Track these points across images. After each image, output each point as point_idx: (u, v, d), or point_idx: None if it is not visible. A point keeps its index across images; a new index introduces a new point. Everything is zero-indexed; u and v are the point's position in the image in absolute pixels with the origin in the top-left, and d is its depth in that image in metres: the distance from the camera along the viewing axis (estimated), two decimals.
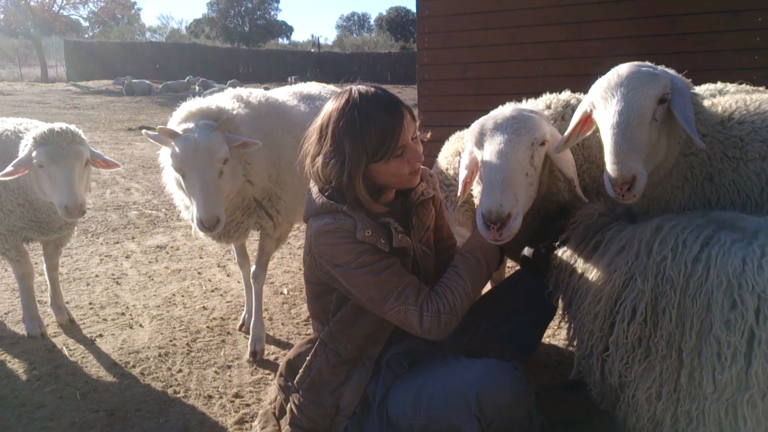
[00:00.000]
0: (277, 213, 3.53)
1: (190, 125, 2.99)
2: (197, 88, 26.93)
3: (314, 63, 40.82)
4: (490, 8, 6.25)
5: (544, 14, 5.96)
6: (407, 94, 25.45)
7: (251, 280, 3.73)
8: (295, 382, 2.30)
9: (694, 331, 1.69)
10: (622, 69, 2.04)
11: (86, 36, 51.25)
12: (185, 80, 29.94)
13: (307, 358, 2.28)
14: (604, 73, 2.12)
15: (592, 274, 2.02)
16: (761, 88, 2.65)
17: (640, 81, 1.95)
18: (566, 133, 2.20)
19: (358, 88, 2.12)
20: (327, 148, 2.06)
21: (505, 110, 2.22)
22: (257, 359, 3.51)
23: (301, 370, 2.29)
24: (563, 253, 2.20)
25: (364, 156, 2.02)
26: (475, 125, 2.23)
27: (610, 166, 1.88)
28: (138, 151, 12.51)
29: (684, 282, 1.72)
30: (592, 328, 1.96)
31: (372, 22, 72.50)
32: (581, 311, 2.03)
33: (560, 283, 2.21)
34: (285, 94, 4.06)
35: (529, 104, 2.79)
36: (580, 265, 2.12)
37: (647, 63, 2.09)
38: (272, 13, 65.04)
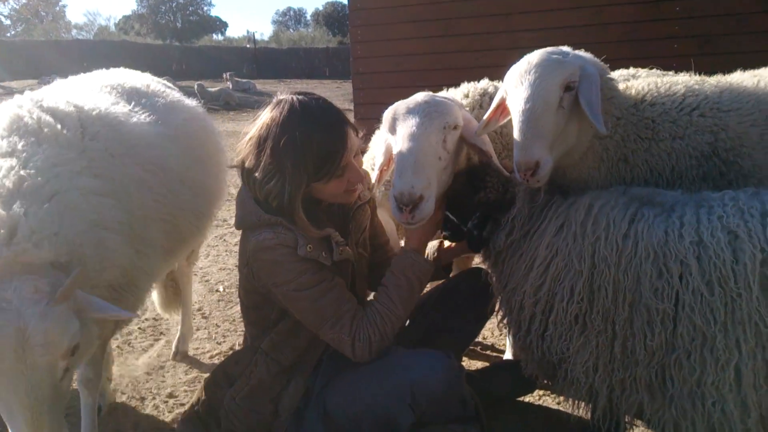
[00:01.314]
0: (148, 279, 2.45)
1: None
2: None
3: (250, 59, 40.12)
4: (420, 0, 6.29)
5: (476, 6, 6.05)
6: (345, 89, 25.30)
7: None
8: (233, 390, 2.22)
9: (626, 303, 1.77)
10: (533, 56, 2.07)
11: (8, 35, 48.53)
12: None
13: (248, 368, 2.21)
14: None
15: (532, 256, 2.03)
16: (670, 73, 2.78)
17: (546, 69, 1.98)
18: (484, 118, 2.25)
19: (299, 99, 2.01)
20: (266, 164, 1.96)
21: (417, 96, 2.23)
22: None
23: (239, 380, 2.21)
24: (502, 233, 2.17)
25: (305, 177, 1.96)
26: (388, 111, 2.23)
27: (515, 152, 1.93)
28: None
29: (617, 258, 1.78)
30: (534, 311, 1.98)
31: (308, 17, 72.01)
32: (519, 294, 2.03)
33: (497, 264, 2.20)
34: (100, 93, 2.62)
35: (448, 93, 2.82)
36: (518, 247, 2.11)
37: (562, 49, 2.13)
38: (205, 8, 63.44)
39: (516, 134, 1.94)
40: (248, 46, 45.23)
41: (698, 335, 1.63)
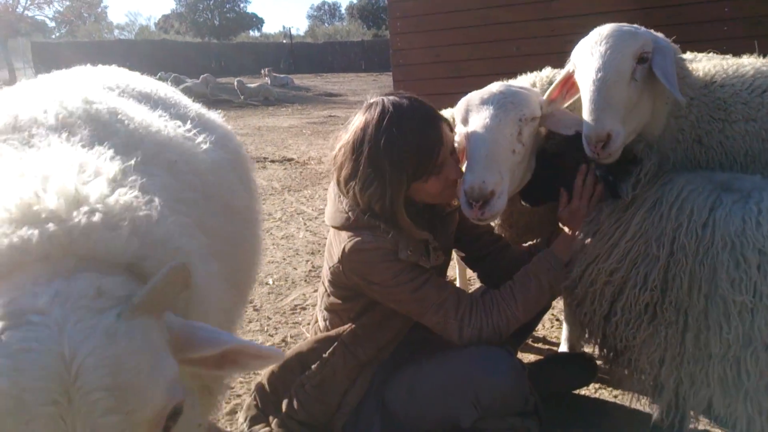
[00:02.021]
0: None
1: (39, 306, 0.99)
2: (169, 83, 26.50)
3: (287, 54, 40.48)
4: None
5: None
6: (382, 81, 25.41)
7: None
8: (304, 376, 2.19)
9: (702, 294, 1.70)
10: (604, 28, 2.03)
11: (53, 36, 50.10)
12: (157, 76, 29.38)
13: (324, 356, 2.17)
14: None
15: (624, 228, 1.92)
16: (729, 56, 2.68)
17: (619, 39, 1.94)
18: (548, 92, 2.19)
19: (390, 100, 1.98)
20: (364, 168, 1.93)
21: (492, 87, 2.16)
22: None
23: (314, 366, 2.17)
24: (629, 185, 1.97)
25: (404, 177, 1.92)
26: (461, 102, 2.16)
27: (585, 124, 1.87)
28: None
29: (695, 248, 1.72)
30: (604, 290, 1.91)
31: (343, 11, 72.14)
32: (596, 268, 1.94)
33: (598, 221, 2.02)
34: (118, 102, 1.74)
35: (518, 81, 2.75)
36: (623, 215, 1.97)
37: (633, 25, 2.07)
38: (242, 5, 64.22)
39: (586, 106, 1.88)
40: (284, 41, 45.69)
41: None
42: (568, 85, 2.16)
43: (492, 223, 2.49)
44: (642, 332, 1.80)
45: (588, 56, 1.96)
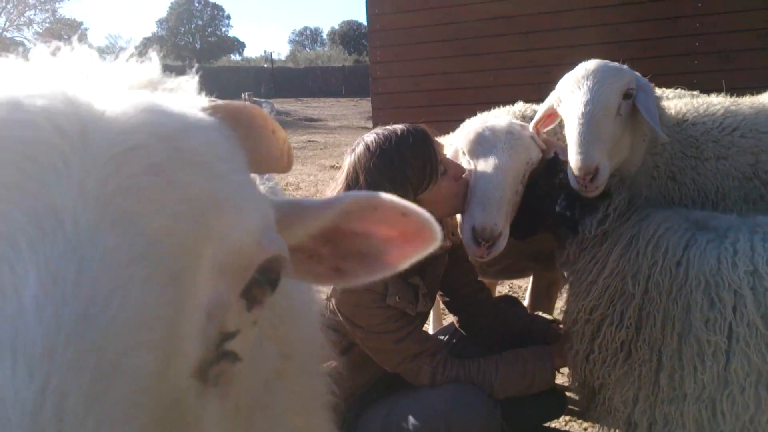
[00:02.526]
0: None
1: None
2: None
3: (268, 78, 40.57)
4: (440, 21, 6.31)
5: (493, 25, 6.05)
6: (362, 107, 25.50)
7: None
8: None
9: (675, 333, 1.70)
10: (590, 64, 2.06)
11: None
12: None
13: None
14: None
15: (602, 265, 1.91)
16: (695, 93, 2.76)
17: (606, 75, 1.98)
18: (532, 125, 2.21)
19: (373, 133, 1.99)
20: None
21: (499, 123, 2.15)
22: None
23: None
24: (595, 219, 2.01)
25: (410, 190, 1.89)
26: (470, 133, 2.14)
27: (573, 157, 1.88)
28: None
29: (669, 286, 1.72)
30: (584, 330, 1.90)
31: (324, 36, 72.69)
32: (577, 306, 1.94)
33: (573, 257, 2.03)
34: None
35: (494, 114, 2.78)
36: (596, 246, 1.98)
37: (614, 63, 2.12)
38: (223, 29, 64.49)
39: (574, 139, 1.90)
40: (266, 65, 45.80)
41: (753, 371, 1.55)
42: (546, 116, 2.19)
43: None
44: (617, 370, 1.80)
45: (575, 90, 1.99)
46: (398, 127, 1.97)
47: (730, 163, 2.15)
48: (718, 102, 2.31)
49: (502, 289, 4.69)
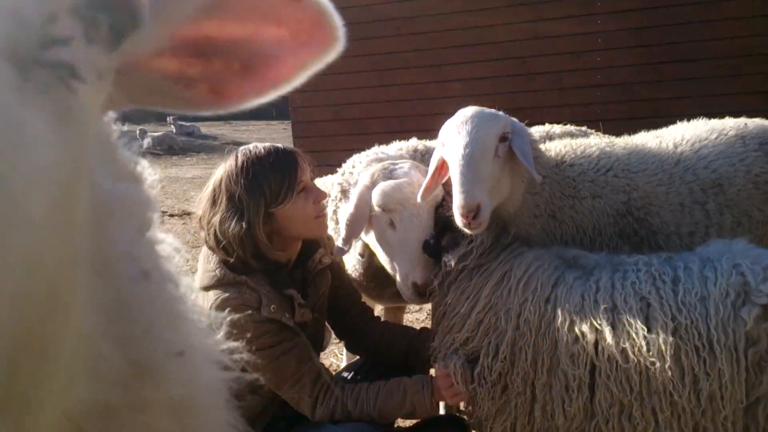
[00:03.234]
0: None
1: None
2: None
3: None
4: (356, 52, 6.44)
5: (408, 58, 6.25)
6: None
7: None
8: None
9: (545, 368, 1.79)
10: (468, 110, 2.18)
11: None
12: None
13: None
14: None
15: (474, 299, 2.01)
16: (584, 128, 2.93)
17: (483, 120, 2.10)
18: (426, 180, 2.27)
19: (244, 147, 2.09)
20: (223, 206, 1.99)
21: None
22: None
23: None
24: (456, 255, 2.14)
25: (262, 201, 1.98)
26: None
27: (456, 196, 1.98)
28: None
29: (538, 322, 1.82)
30: (464, 360, 1.98)
31: None
32: (453, 338, 2.02)
33: (442, 288, 2.14)
34: None
35: (387, 149, 2.86)
36: (466, 280, 2.09)
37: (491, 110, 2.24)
38: None
39: (456, 179, 2.00)
40: None
41: (615, 402, 1.66)
42: (440, 167, 2.25)
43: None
44: (496, 401, 1.87)
45: (456, 134, 2.09)
46: (269, 145, 2.09)
47: (605, 201, 2.30)
48: (594, 144, 2.47)
49: (419, 315, 4.78)
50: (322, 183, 3.37)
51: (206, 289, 2.05)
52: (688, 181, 2.34)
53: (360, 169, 2.63)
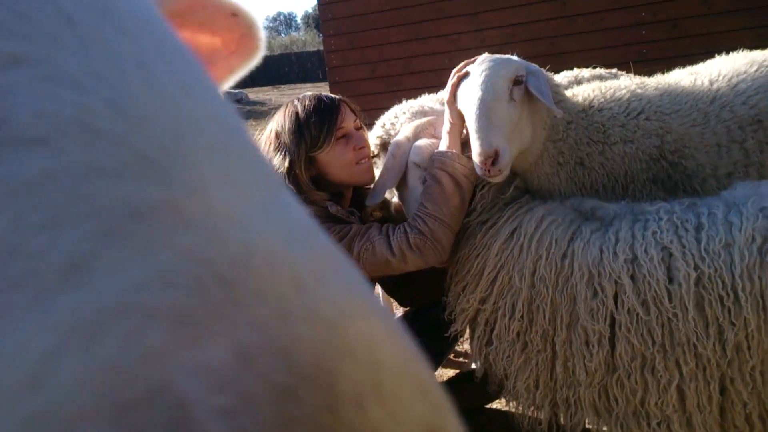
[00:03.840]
0: None
1: None
2: None
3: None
4: (390, 6, 6.30)
5: (442, 8, 6.05)
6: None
7: None
8: None
9: (564, 324, 1.75)
10: (480, 58, 2.13)
11: None
12: None
13: None
14: None
15: (484, 257, 1.97)
16: (614, 70, 2.78)
17: (493, 65, 2.05)
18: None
19: (295, 96, 2.22)
20: (271, 148, 2.12)
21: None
22: None
23: None
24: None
25: (303, 144, 2.06)
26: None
27: (473, 144, 1.94)
28: None
29: (555, 279, 1.77)
30: (478, 320, 1.97)
31: (299, 20, 71.87)
32: (468, 298, 1.99)
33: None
34: None
35: (422, 100, 2.81)
36: (474, 238, 2.04)
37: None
38: None
39: (472, 127, 1.96)
40: None
41: (637, 356, 1.61)
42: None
43: None
44: (516, 360, 1.85)
45: (468, 84, 2.05)
46: (316, 93, 2.21)
47: (636, 146, 2.19)
48: (625, 86, 2.34)
49: None
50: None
51: None
52: (725, 119, 2.20)
53: (403, 121, 2.59)
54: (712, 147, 2.19)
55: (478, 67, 2.06)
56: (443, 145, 2.15)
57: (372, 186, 2.34)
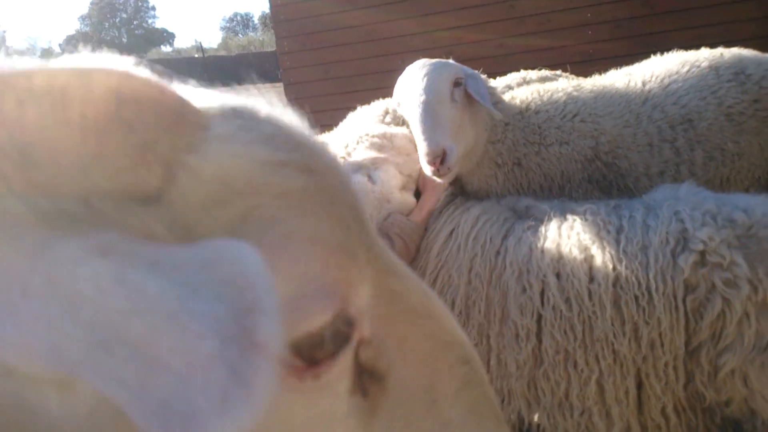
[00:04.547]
0: None
1: None
2: None
3: (200, 69, 39.55)
4: (342, 8, 6.31)
5: (393, 10, 6.10)
6: None
7: None
8: None
9: (497, 319, 1.80)
10: (417, 63, 2.19)
11: None
12: None
13: None
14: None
15: (425, 260, 2.04)
16: (558, 72, 2.86)
17: (433, 68, 2.11)
18: None
19: None
20: None
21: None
22: None
23: None
24: None
25: None
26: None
27: (420, 145, 1.98)
28: None
29: (489, 275, 1.82)
30: None
31: (256, 21, 71.07)
32: None
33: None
34: None
35: (370, 108, 2.85)
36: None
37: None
38: (150, 21, 62.42)
39: (417, 129, 2.00)
40: (197, 55, 44.64)
41: (560, 350, 1.67)
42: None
43: None
44: None
45: (410, 88, 2.10)
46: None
47: (572, 147, 2.26)
48: (561, 88, 2.41)
49: None
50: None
51: None
52: (656, 119, 2.29)
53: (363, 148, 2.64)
54: (644, 147, 2.26)
55: (419, 71, 2.10)
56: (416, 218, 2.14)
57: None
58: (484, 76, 2.30)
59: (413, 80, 2.09)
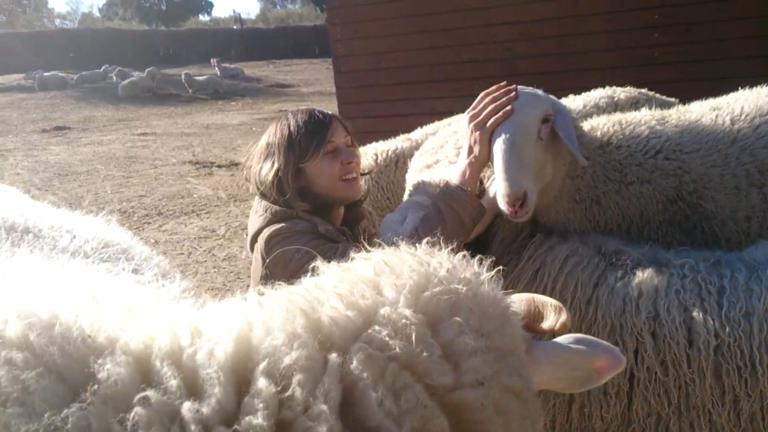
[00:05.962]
0: None
1: None
2: (114, 78, 25.64)
3: (237, 41, 39.57)
4: None
5: (450, 1, 5.99)
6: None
7: None
8: None
9: None
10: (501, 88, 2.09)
11: None
12: (101, 70, 28.17)
13: None
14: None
15: None
16: (644, 90, 2.75)
17: (524, 102, 2.00)
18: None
19: (289, 111, 2.28)
20: (263, 158, 2.18)
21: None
22: None
23: None
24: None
25: (291, 155, 2.10)
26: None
27: (501, 184, 1.90)
28: (53, 156, 11.79)
29: (578, 324, 1.78)
30: None
31: None
32: None
33: None
34: None
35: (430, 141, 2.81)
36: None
37: (529, 88, 2.13)
38: None
39: (500, 167, 1.91)
40: (235, 26, 44.60)
41: (653, 413, 1.64)
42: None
43: None
44: None
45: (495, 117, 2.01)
46: (310, 108, 2.28)
47: (653, 187, 2.17)
48: (645, 121, 2.32)
49: None
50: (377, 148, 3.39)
51: (259, 231, 2.16)
52: (745, 162, 2.19)
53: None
54: (731, 189, 2.18)
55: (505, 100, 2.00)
56: (459, 177, 2.07)
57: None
58: (570, 108, 2.20)
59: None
